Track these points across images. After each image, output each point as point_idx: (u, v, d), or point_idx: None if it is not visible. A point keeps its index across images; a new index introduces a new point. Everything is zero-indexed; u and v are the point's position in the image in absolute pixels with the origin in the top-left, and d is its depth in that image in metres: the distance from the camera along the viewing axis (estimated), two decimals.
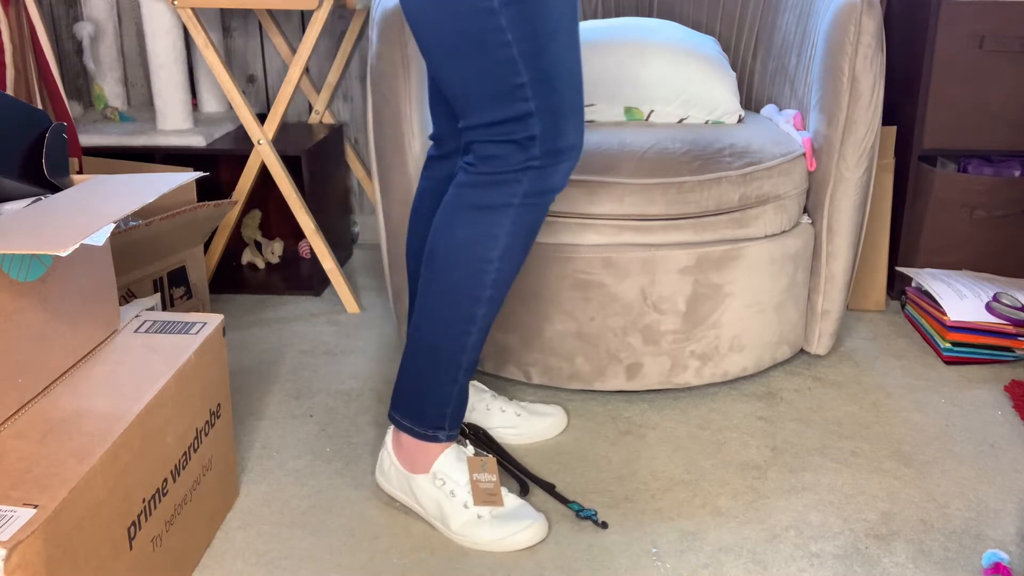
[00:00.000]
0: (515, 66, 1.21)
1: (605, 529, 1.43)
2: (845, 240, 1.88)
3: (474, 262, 1.31)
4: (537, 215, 1.32)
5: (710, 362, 1.79)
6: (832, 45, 1.80)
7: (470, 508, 1.40)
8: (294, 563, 1.36)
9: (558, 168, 1.29)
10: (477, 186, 1.30)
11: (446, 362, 1.38)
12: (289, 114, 2.73)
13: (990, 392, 1.86)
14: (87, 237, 1.03)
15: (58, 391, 1.20)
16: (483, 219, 1.30)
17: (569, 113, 1.27)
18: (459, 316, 1.35)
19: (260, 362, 2.01)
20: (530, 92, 1.23)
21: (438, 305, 1.36)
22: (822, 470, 1.59)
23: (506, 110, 1.24)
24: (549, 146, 1.26)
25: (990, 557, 1.32)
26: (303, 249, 2.62)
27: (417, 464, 1.44)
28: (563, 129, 1.27)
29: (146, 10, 2.24)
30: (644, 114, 1.95)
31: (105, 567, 1.07)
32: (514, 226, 1.30)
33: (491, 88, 1.23)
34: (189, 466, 1.30)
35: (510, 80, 1.22)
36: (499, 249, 1.31)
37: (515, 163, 1.27)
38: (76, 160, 1.95)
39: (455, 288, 1.33)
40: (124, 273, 1.79)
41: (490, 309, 1.35)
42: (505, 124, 1.25)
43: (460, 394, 1.41)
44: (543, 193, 1.30)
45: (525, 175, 1.28)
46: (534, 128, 1.25)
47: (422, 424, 1.42)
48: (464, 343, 1.36)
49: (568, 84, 1.25)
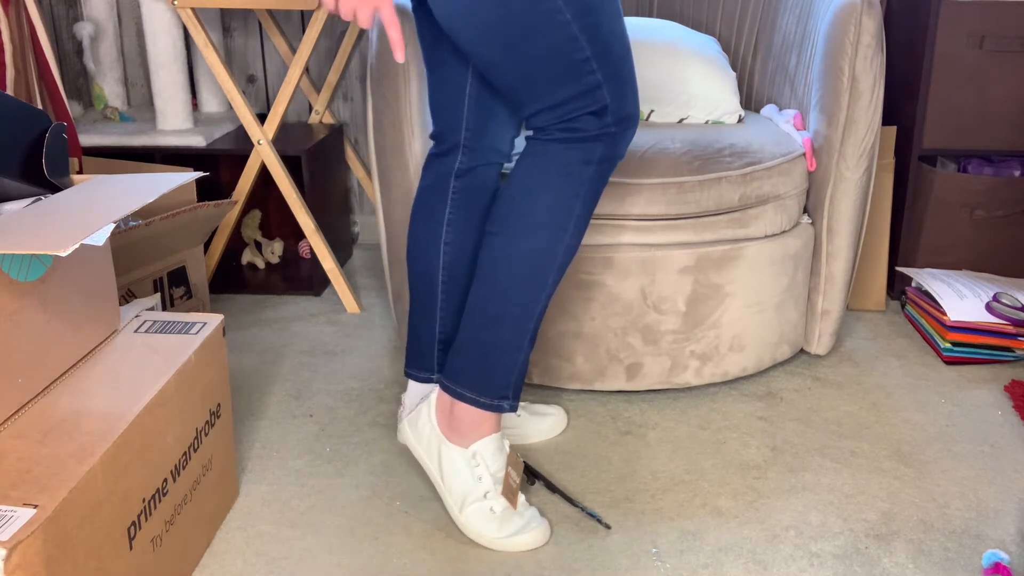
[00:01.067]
0: (577, 42, 1.25)
1: (608, 530, 1.43)
2: (845, 240, 1.88)
3: (553, 229, 1.34)
4: (604, 182, 1.37)
5: (710, 362, 1.79)
6: (832, 45, 1.80)
7: (488, 499, 1.40)
8: (294, 563, 1.36)
9: (626, 134, 1.34)
10: (556, 153, 1.34)
11: (514, 330, 1.38)
12: (289, 114, 2.73)
13: (990, 392, 1.86)
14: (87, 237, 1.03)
15: (58, 391, 1.20)
16: (564, 186, 1.33)
17: (628, 80, 1.32)
18: (532, 283, 1.36)
19: (260, 362, 2.01)
20: (596, 64, 1.27)
21: (511, 274, 1.36)
22: (822, 470, 1.59)
23: (576, 86, 1.28)
24: (618, 114, 1.31)
25: (990, 557, 1.32)
26: (303, 249, 2.62)
27: (461, 435, 1.43)
28: (627, 95, 1.32)
29: (146, 10, 2.24)
30: (644, 114, 1.95)
31: (105, 567, 1.07)
32: (588, 192, 1.35)
33: (558, 68, 1.27)
34: (189, 466, 1.30)
35: (574, 56, 1.26)
36: (575, 215, 1.35)
37: (592, 130, 1.31)
38: (76, 160, 1.95)
39: (532, 255, 1.35)
40: (124, 273, 1.79)
41: (558, 277, 1.38)
42: (577, 100, 1.29)
43: (524, 363, 1.42)
44: (613, 159, 1.35)
45: (600, 141, 1.32)
46: (605, 98, 1.29)
47: (487, 394, 1.41)
48: (533, 310, 1.38)
49: (623, 53, 1.30)
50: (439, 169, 1.51)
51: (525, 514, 1.41)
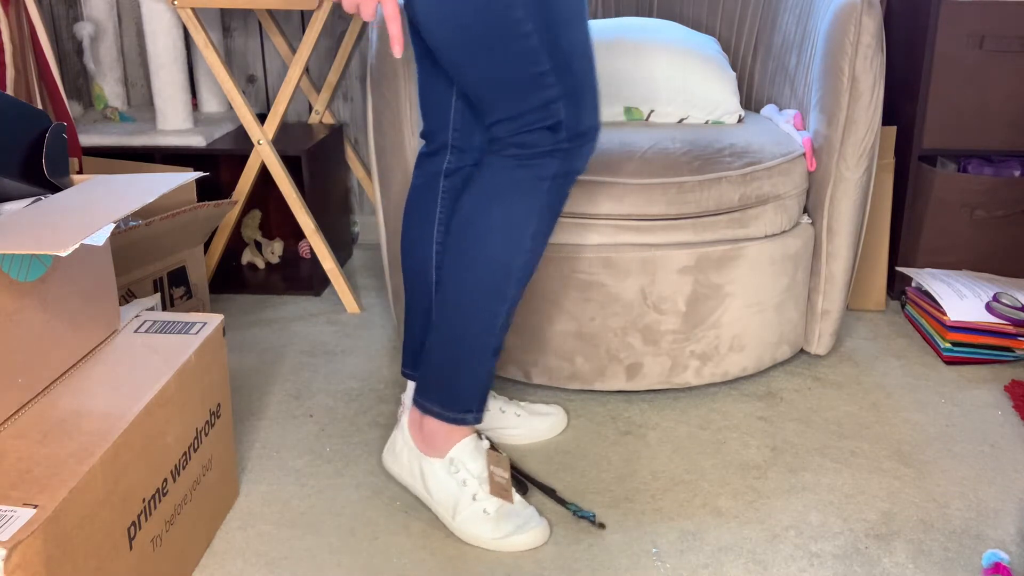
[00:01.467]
0: (537, 55, 1.24)
1: (603, 529, 1.43)
2: (845, 240, 1.88)
3: (509, 243, 1.34)
4: (563, 198, 1.36)
5: (710, 362, 1.79)
6: (832, 45, 1.80)
7: (478, 501, 1.40)
8: (294, 563, 1.36)
9: (583, 150, 1.33)
10: (509, 168, 1.33)
11: (476, 344, 1.39)
12: (289, 114, 2.73)
13: (990, 392, 1.86)
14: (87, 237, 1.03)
15: (58, 391, 1.20)
16: (517, 201, 1.33)
17: (588, 95, 1.31)
18: (492, 298, 1.36)
19: (260, 362, 2.01)
20: (553, 78, 1.26)
21: (470, 290, 1.37)
22: (822, 470, 1.59)
23: (533, 99, 1.27)
24: (574, 129, 1.30)
25: (990, 557, 1.32)
26: (303, 249, 2.62)
27: (435, 447, 1.44)
28: (584, 111, 1.30)
29: (146, 10, 2.24)
30: (644, 114, 1.95)
31: (105, 567, 1.07)
32: (544, 208, 1.34)
33: (516, 79, 1.26)
34: (189, 466, 1.30)
35: (534, 69, 1.25)
36: (531, 231, 1.34)
37: (545, 146, 1.30)
38: (76, 160, 1.95)
39: (488, 270, 1.35)
40: (124, 273, 1.79)
41: (518, 290, 1.38)
42: (533, 113, 1.28)
43: (488, 376, 1.42)
44: (568, 175, 1.34)
45: (554, 157, 1.31)
46: (560, 113, 1.28)
47: (453, 407, 1.42)
48: (494, 324, 1.38)
49: (585, 67, 1.29)
50: (429, 168, 1.51)
51: (523, 513, 1.41)
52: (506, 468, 1.44)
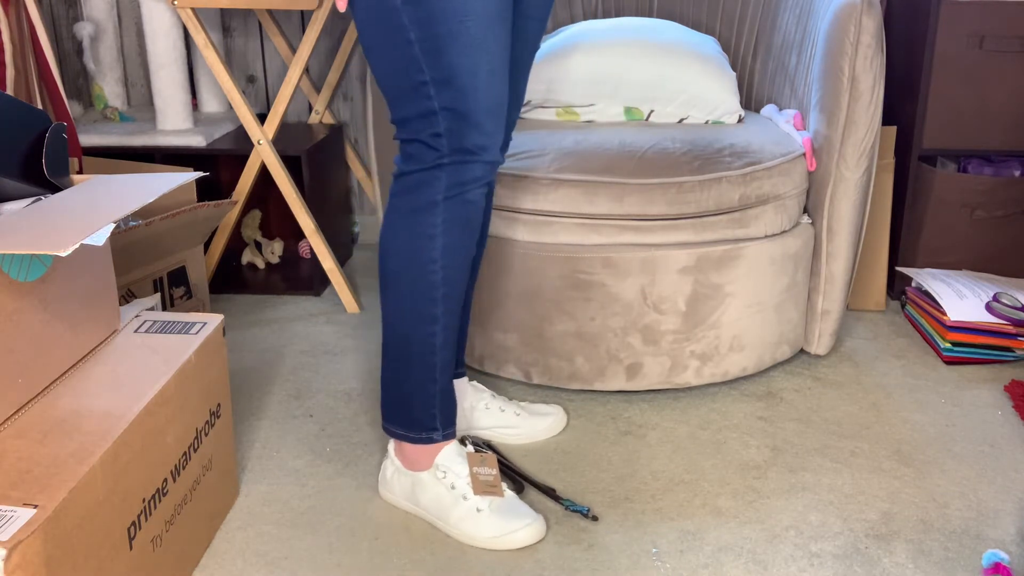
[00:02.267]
0: (418, 64, 1.25)
1: (596, 522, 1.43)
2: (845, 240, 1.88)
3: (419, 265, 1.34)
4: (467, 208, 1.34)
5: (710, 362, 1.79)
6: (832, 45, 1.80)
7: (469, 500, 1.41)
8: (294, 563, 1.36)
9: (473, 164, 1.32)
10: (404, 192, 1.34)
11: (420, 365, 1.40)
12: (289, 114, 2.73)
13: (990, 392, 1.86)
14: (87, 237, 1.03)
15: (58, 391, 1.20)
16: (416, 222, 1.33)
17: (474, 114, 1.28)
18: (420, 319, 1.37)
19: (260, 362, 2.01)
20: (432, 91, 1.26)
21: (398, 313, 1.38)
22: (822, 470, 1.59)
23: (413, 107, 1.29)
24: (456, 145, 1.29)
25: (990, 557, 1.32)
26: (303, 249, 2.62)
27: (419, 463, 1.45)
28: (468, 130, 1.29)
29: (146, 10, 2.24)
30: (644, 114, 1.95)
31: (105, 567, 1.07)
32: (447, 223, 1.33)
33: (400, 84, 1.28)
34: (189, 466, 1.30)
35: (414, 77, 1.26)
36: (439, 248, 1.34)
37: (429, 161, 1.31)
38: (76, 160, 1.95)
39: (409, 294, 1.36)
40: (124, 273, 1.79)
41: (448, 306, 1.37)
42: (414, 121, 1.29)
43: (443, 393, 1.42)
44: (465, 184, 1.32)
45: (442, 171, 1.31)
46: (438, 125, 1.28)
47: (414, 429, 1.44)
48: (432, 344, 1.38)
49: (473, 86, 1.27)
50: None
51: (518, 510, 1.41)
52: (492, 465, 1.45)
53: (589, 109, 1.94)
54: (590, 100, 1.94)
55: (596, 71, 1.93)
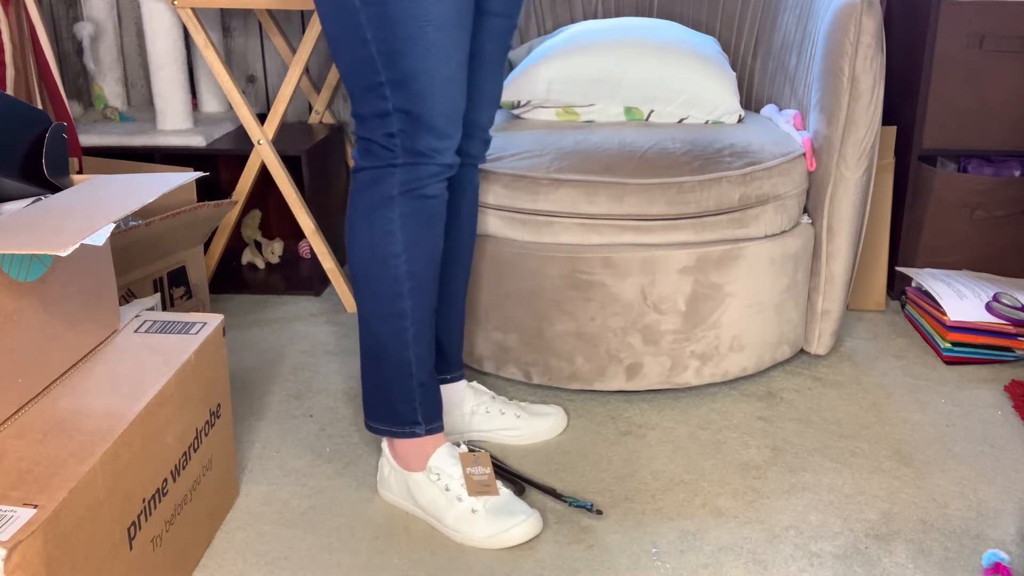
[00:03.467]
0: (373, 64, 1.26)
1: (600, 516, 1.43)
2: (845, 240, 1.88)
3: (381, 260, 1.35)
4: (425, 203, 1.35)
5: (710, 362, 1.79)
6: (832, 45, 1.80)
7: (464, 501, 1.41)
8: (294, 563, 1.36)
9: (425, 167, 1.33)
10: (361, 188, 1.35)
11: (395, 362, 1.41)
12: (289, 114, 2.73)
13: (990, 392, 1.86)
14: (87, 237, 1.03)
15: (58, 391, 1.20)
16: (374, 217, 1.34)
17: (429, 117, 1.29)
18: (389, 314, 1.38)
19: (260, 362, 2.01)
20: (388, 91, 1.28)
21: (368, 310, 1.40)
22: (822, 470, 1.59)
23: (368, 105, 1.30)
24: (408, 146, 1.31)
25: (990, 557, 1.32)
26: (303, 249, 2.62)
27: (412, 462, 1.46)
28: (421, 132, 1.30)
29: (146, 10, 2.24)
30: (644, 114, 1.95)
31: (105, 567, 1.07)
32: (404, 218, 1.34)
33: (358, 82, 1.30)
34: (189, 466, 1.30)
35: (370, 77, 1.28)
36: (399, 242, 1.35)
37: (384, 159, 1.32)
38: (76, 160, 1.95)
39: (376, 290, 1.37)
40: (124, 273, 1.79)
41: (417, 301, 1.38)
42: (370, 119, 1.31)
43: (422, 388, 1.43)
44: (419, 181, 1.33)
45: (396, 169, 1.32)
46: (392, 126, 1.30)
47: (397, 424, 1.45)
48: (403, 339, 1.39)
49: (430, 90, 1.28)
50: None
51: (514, 508, 1.42)
52: (486, 464, 1.45)
53: (589, 109, 1.94)
54: (590, 100, 1.94)
55: (596, 71, 1.93)
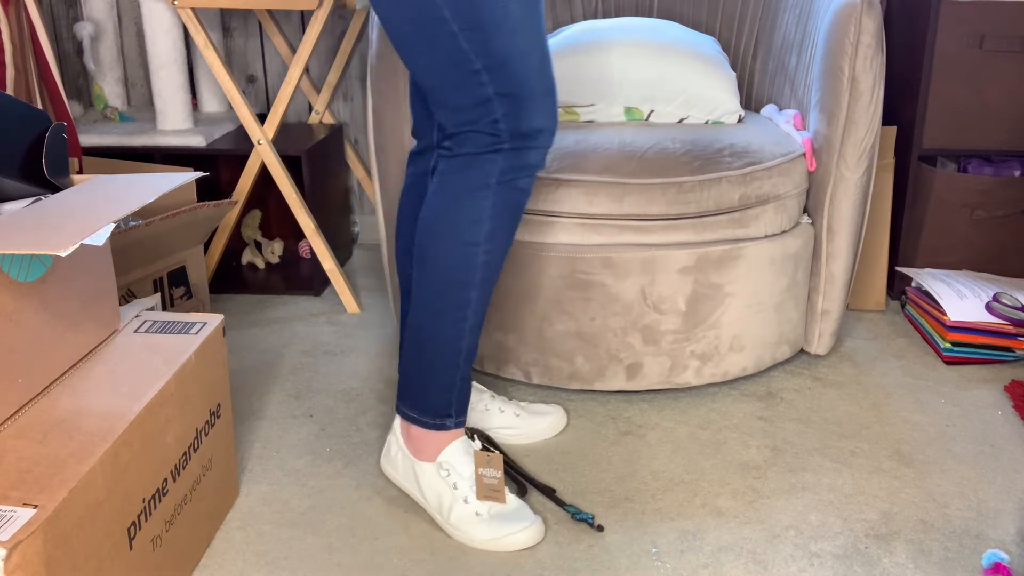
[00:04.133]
0: (466, 54, 1.25)
1: (601, 532, 1.43)
2: (845, 240, 1.88)
3: (462, 247, 1.34)
4: (517, 195, 1.34)
5: (710, 362, 1.79)
6: (832, 45, 1.80)
7: (470, 503, 1.40)
8: (294, 563, 1.36)
9: (529, 151, 1.32)
10: (455, 171, 1.33)
11: (446, 350, 1.39)
12: (289, 114, 2.73)
13: (990, 392, 1.86)
14: (87, 237, 1.03)
15: (58, 391, 1.20)
16: (466, 203, 1.33)
17: (531, 97, 1.29)
18: (454, 302, 1.36)
19: (260, 362, 2.01)
20: (486, 78, 1.26)
21: (433, 294, 1.37)
22: (822, 470, 1.59)
23: (467, 97, 1.28)
24: (514, 130, 1.29)
25: (990, 557, 1.32)
26: (303, 249, 2.62)
27: (424, 452, 1.45)
28: (526, 113, 1.29)
29: (146, 10, 2.24)
30: (644, 114, 1.95)
31: (105, 567, 1.07)
32: (495, 208, 1.33)
33: (450, 77, 1.27)
34: (189, 466, 1.30)
35: (465, 68, 1.26)
36: (484, 231, 1.33)
37: (485, 146, 1.30)
38: (76, 160, 1.95)
39: (447, 275, 1.35)
40: (124, 273, 1.79)
41: (483, 292, 1.37)
42: (469, 111, 1.29)
43: (463, 381, 1.42)
44: (519, 170, 1.33)
45: (498, 156, 1.31)
46: (496, 112, 1.28)
47: (428, 413, 1.43)
48: (461, 329, 1.38)
49: (526, 68, 1.27)
50: (418, 167, 1.52)
51: (517, 513, 1.41)
52: (498, 467, 1.44)
53: (589, 109, 1.94)
54: (590, 100, 1.94)
55: (596, 71, 1.93)
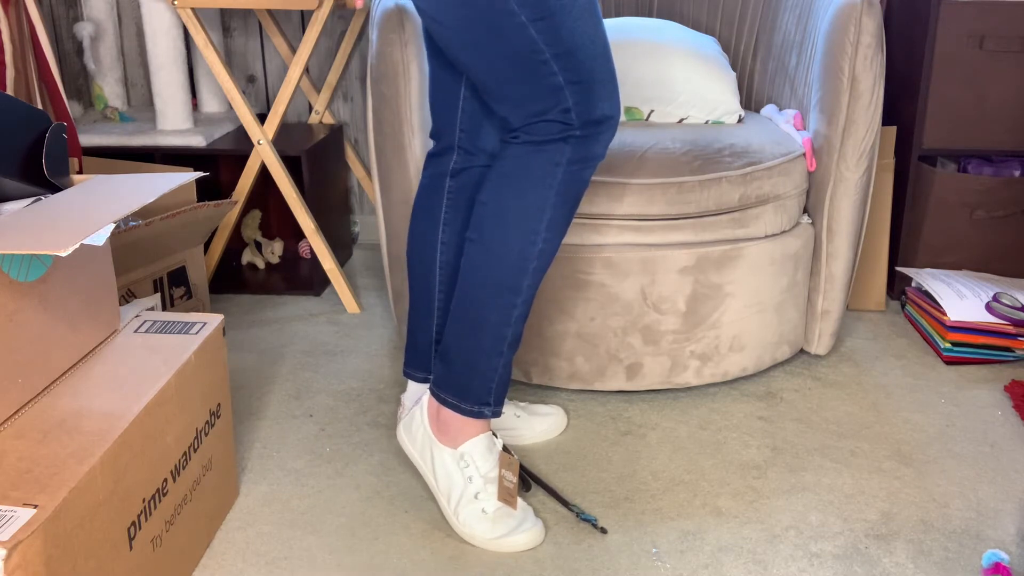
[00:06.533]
0: (535, 45, 1.24)
1: (605, 534, 1.43)
2: (845, 240, 1.88)
3: (523, 233, 1.34)
4: (580, 184, 1.35)
5: (710, 362, 1.79)
6: (832, 45, 1.80)
7: (479, 500, 1.40)
8: (294, 563, 1.36)
9: (599, 138, 1.32)
10: (522, 157, 1.33)
11: (492, 336, 1.38)
12: (289, 114, 2.73)
13: (990, 392, 1.86)
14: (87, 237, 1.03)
15: (58, 391, 1.20)
16: (530, 189, 1.32)
17: (599, 83, 1.29)
18: (506, 288, 1.36)
19: (260, 362, 2.01)
20: (556, 67, 1.26)
21: (485, 278, 1.36)
22: (822, 470, 1.59)
23: (538, 89, 1.27)
24: (585, 117, 1.29)
25: (990, 557, 1.32)
26: (303, 249, 2.62)
27: (449, 437, 1.44)
28: (596, 99, 1.29)
29: (146, 10, 2.24)
30: (644, 114, 1.95)
31: (105, 567, 1.07)
32: (559, 196, 1.33)
33: (519, 70, 1.26)
34: (189, 466, 1.30)
35: (534, 58, 1.25)
36: (546, 219, 1.34)
37: (555, 133, 1.30)
38: (76, 160, 1.95)
39: (503, 260, 1.35)
40: (124, 273, 1.79)
41: (535, 280, 1.37)
42: (540, 101, 1.28)
43: (505, 368, 1.41)
44: (585, 160, 1.33)
45: (567, 143, 1.31)
46: (567, 101, 1.28)
47: (467, 400, 1.41)
48: (510, 315, 1.37)
49: (592, 55, 1.28)
50: (436, 168, 1.52)
51: (519, 515, 1.41)
52: (515, 472, 1.44)
53: None
54: None
55: None
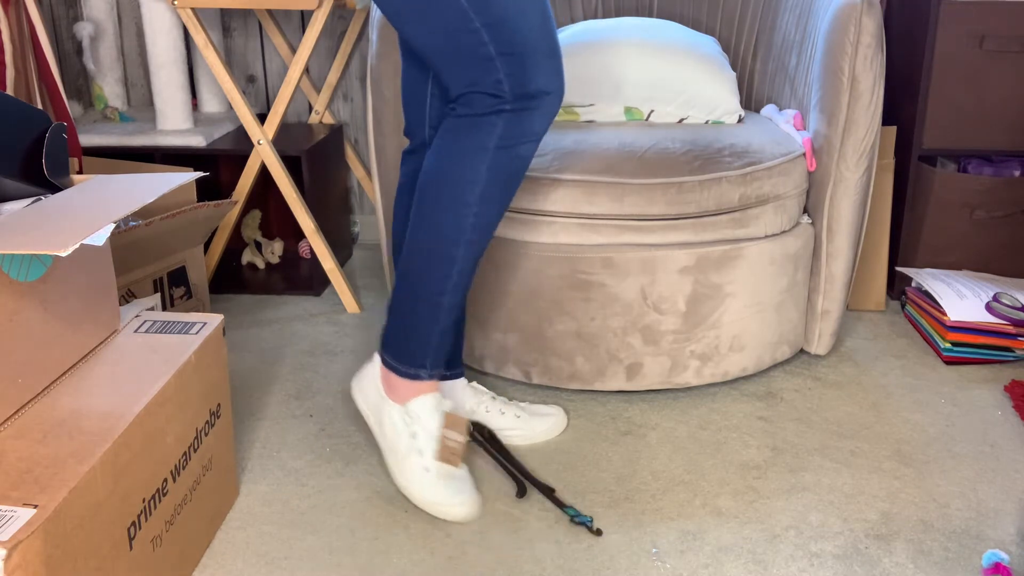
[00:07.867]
0: (467, 14, 1.25)
1: (600, 536, 1.43)
2: (845, 240, 1.88)
3: (454, 205, 1.35)
4: (517, 161, 1.35)
5: (710, 362, 1.79)
6: (832, 45, 1.80)
7: (423, 457, 1.44)
8: (294, 563, 1.36)
9: (533, 113, 1.32)
10: (457, 130, 1.34)
11: (427, 303, 1.41)
12: (289, 114, 2.73)
13: (990, 392, 1.86)
14: (87, 237, 1.03)
15: (58, 391, 1.20)
16: (462, 162, 1.34)
17: (532, 55, 1.29)
18: (440, 257, 1.38)
19: (260, 362, 2.01)
20: (487, 36, 1.26)
21: (422, 246, 1.40)
22: (822, 470, 1.59)
23: (470, 59, 1.28)
24: (518, 90, 1.29)
25: (990, 557, 1.32)
26: (303, 249, 2.62)
27: (395, 393, 1.48)
28: (529, 72, 1.29)
29: (146, 10, 2.24)
30: (644, 114, 1.95)
31: (105, 567, 1.07)
32: (491, 171, 1.33)
33: (452, 42, 1.28)
34: (189, 466, 1.30)
35: (466, 27, 1.26)
36: (477, 193, 1.34)
37: (487, 107, 1.30)
38: (76, 160, 1.95)
39: (437, 230, 1.37)
40: (124, 273, 1.79)
41: (469, 252, 1.38)
42: (472, 71, 1.29)
43: (441, 335, 1.44)
44: (519, 137, 1.33)
45: (500, 118, 1.31)
46: (498, 72, 1.28)
47: (404, 362, 1.46)
48: (444, 284, 1.40)
49: (525, 26, 1.28)
50: (411, 166, 1.53)
51: (457, 484, 1.45)
52: (462, 432, 1.46)
53: (589, 109, 1.94)
54: (590, 100, 1.94)
55: (596, 71, 1.93)
